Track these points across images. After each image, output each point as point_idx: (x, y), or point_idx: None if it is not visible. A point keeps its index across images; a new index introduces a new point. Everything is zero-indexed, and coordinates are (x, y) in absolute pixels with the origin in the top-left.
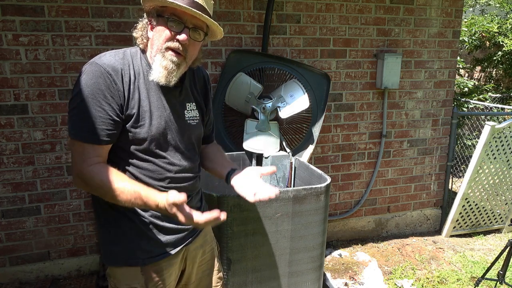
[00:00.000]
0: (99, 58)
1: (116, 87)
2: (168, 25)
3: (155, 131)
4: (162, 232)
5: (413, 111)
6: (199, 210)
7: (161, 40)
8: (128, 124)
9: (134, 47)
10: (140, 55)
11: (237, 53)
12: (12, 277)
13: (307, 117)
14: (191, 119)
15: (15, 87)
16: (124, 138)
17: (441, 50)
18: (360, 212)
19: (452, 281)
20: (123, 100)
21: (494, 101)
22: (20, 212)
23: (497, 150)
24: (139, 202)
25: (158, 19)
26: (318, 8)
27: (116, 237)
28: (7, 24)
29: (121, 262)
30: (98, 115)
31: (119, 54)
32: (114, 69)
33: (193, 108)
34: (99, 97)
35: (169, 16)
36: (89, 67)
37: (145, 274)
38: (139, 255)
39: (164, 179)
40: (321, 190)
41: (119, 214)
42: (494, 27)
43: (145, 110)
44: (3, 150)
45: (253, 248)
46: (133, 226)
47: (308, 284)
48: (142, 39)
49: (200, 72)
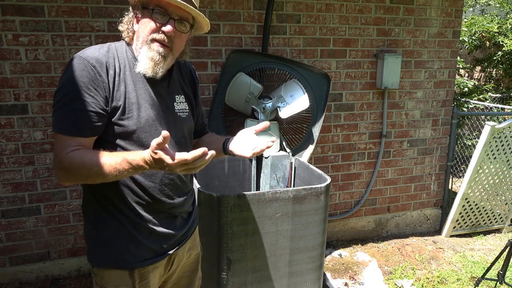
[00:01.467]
0: (83, 51)
1: (100, 79)
2: (153, 17)
3: (144, 123)
4: (153, 237)
5: (413, 111)
6: (190, 214)
7: (146, 31)
8: (115, 117)
9: (119, 41)
10: (125, 48)
11: (237, 53)
12: (12, 277)
13: (307, 117)
14: (181, 112)
15: (15, 87)
16: (113, 132)
17: (441, 50)
18: (360, 212)
19: (452, 281)
20: (108, 92)
21: (494, 101)
22: (20, 212)
23: (497, 150)
24: (126, 167)
25: (143, 11)
26: (318, 8)
27: (105, 240)
28: (7, 24)
29: (109, 265)
30: (81, 107)
31: (104, 47)
32: (98, 61)
33: (182, 100)
34: (82, 90)
35: (154, 7)
36: (73, 61)
37: (132, 277)
38: (128, 259)
39: (156, 174)
40: (321, 190)
41: (110, 217)
42: (494, 27)
43: (132, 102)
44: (3, 150)
45: (253, 248)
46: (124, 229)
47: (308, 284)
48: (127, 32)
49: (187, 66)
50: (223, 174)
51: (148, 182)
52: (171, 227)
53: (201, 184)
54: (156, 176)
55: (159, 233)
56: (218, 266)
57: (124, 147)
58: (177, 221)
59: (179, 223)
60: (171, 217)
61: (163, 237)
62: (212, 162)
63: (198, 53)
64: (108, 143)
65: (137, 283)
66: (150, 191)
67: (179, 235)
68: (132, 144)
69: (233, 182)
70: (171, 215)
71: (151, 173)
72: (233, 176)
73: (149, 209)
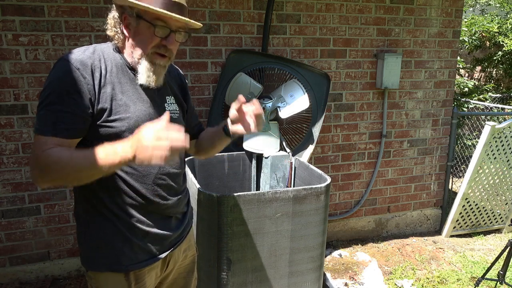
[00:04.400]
0: (68, 54)
1: (84, 81)
2: (155, 33)
3: (133, 124)
4: (148, 238)
5: (413, 111)
6: (185, 215)
7: (146, 44)
8: (102, 118)
9: (105, 43)
10: (112, 50)
11: (237, 53)
12: (12, 277)
13: (307, 117)
14: (172, 112)
15: (15, 87)
16: (100, 133)
17: (441, 50)
18: (360, 212)
19: (452, 281)
20: (93, 95)
21: (494, 101)
22: (20, 212)
23: (497, 150)
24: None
25: (139, 21)
26: (318, 8)
27: (99, 243)
28: (7, 24)
29: (104, 268)
30: (61, 109)
31: (89, 49)
32: (83, 64)
33: (172, 102)
34: (64, 92)
35: (153, 20)
36: (57, 63)
37: (128, 279)
38: (123, 262)
39: (148, 175)
40: (321, 190)
41: (104, 219)
42: (494, 27)
43: (120, 104)
44: (3, 150)
45: (253, 248)
46: (118, 231)
47: (308, 284)
48: (118, 36)
49: (174, 69)
50: (223, 174)
51: (140, 184)
52: (166, 228)
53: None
54: (148, 177)
55: (154, 234)
56: (218, 266)
57: None
58: (171, 222)
59: (174, 224)
60: (166, 218)
61: (158, 239)
62: (212, 162)
63: (198, 53)
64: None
65: (133, 285)
66: (142, 192)
67: (174, 236)
68: None
69: (233, 182)
70: (165, 216)
71: (143, 174)
72: (233, 176)
73: (143, 211)
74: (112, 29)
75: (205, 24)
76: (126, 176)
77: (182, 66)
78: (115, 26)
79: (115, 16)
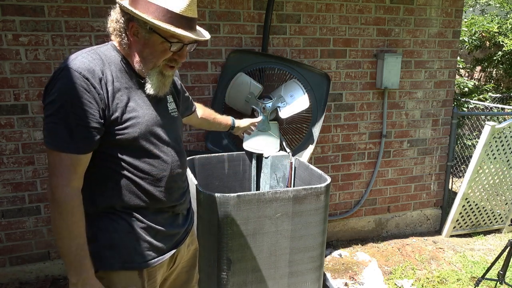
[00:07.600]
0: (72, 61)
1: (95, 91)
2: (170, 48)
3: (145, 129)
4: (159, 236)
5: (413, 111)
6: (188, 210)
7: (159, 58)
8: (114, 127)
9: (105, 45)
10: (115, 53)
11: (237, 53)
12: (12, 277)
13: (307, 117)
14: (173, 111)
15: (15, 87)
16: (111, 142)
17: (441, 50)
18: (360, 212)
19: (452, 281)
20: (104, 104)
21: (494, 101)
22: (20, 212)
23: (497, 150)
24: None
25: (151, 34)
26: (318, 8)
27: (111, 242)
28: (7, 24)
29: (117, 266)
30: (77, 123)
31: (92, 54)
32: (91, 72)
33: (171, 100)
34: (77, 104)
35: (169, 38)
36: (63, 73)
37: (142, 277)
38: (136, 259)
39: (162, 178)
40: (321, 190)
41: (116, 218)
42: (494, 27)
43: (129, 110)
44: (3, 150)
45: (253, 248)
46: (130, 230)
47: (308, 284)
48: (124, 42)
49: None
50: (223, 174)
51: (154, 187)
52: (175, 225)
53: (201, 184)
54: (162, 180)
55: (165, 232)
56: (218, 266)
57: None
58: (179, 219)
59: (181, 220)
60: (174, 216)
61: (169, 236)
62: (212, 162)
63: (198, 53)
64: (110, 157)
65: (146, 282)
66: (156, 195)
67: (181, 232)
68: (135, 152)
69: (233, 182)
70: (174, 214)
71: (157, 178)
72: (233, 176)
73: (156, 211)
74: (117, 34)
75: (205, 24)
76: (141, 181)
77: (182, 66)
78: (119, 31)
79: (119, 20)
